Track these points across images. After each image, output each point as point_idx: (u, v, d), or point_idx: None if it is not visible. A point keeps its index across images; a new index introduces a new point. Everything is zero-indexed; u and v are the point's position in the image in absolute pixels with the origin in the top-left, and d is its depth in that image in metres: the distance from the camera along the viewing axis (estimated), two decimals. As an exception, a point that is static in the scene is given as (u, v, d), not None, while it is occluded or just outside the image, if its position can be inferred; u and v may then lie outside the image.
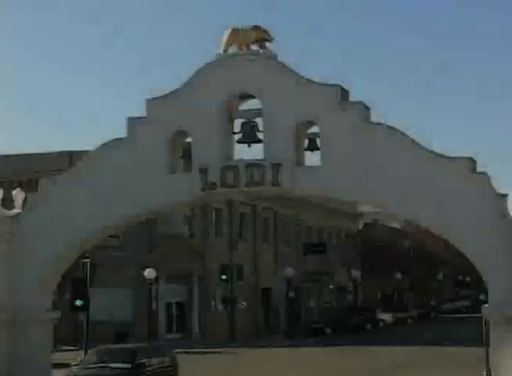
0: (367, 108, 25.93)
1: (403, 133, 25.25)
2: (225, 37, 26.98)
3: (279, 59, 26.50)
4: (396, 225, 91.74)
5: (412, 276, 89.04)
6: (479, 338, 25.95)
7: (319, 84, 25.90)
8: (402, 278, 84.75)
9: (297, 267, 62.14)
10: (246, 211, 61.35)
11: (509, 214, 22.28)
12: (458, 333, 50.07)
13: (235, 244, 58.84)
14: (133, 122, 27.38)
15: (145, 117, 27.25)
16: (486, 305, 24.87)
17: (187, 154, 27.44)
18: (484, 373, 25.61)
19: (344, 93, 26.09)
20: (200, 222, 55.81)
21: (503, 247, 23.12)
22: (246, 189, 26.17)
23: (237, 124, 27.21)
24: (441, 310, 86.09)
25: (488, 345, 24.94)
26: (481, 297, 29.53)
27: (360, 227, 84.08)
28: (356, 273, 74.67)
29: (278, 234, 65.84)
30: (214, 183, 26.04)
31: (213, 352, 43.74)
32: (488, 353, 24.91)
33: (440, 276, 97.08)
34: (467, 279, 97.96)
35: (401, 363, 36.95)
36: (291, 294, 56.24)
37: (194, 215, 55.41)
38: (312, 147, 26.92)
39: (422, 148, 25.16)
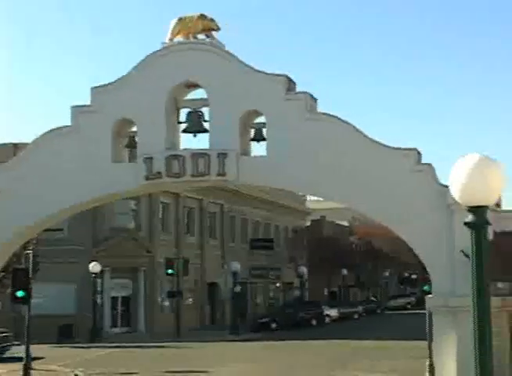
0: (314, 98, 25.96)
1: (349, 124, 25.30)
2: (171, 26, 26.80)
3: (226, 48, 26.39)
4: (343, 222, 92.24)
5: (359, 272, 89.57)
6: (424, 332, 26.09)
7: (265, 74, 25.83)
8: (349, 274, 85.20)
9: (244, 262, 62.05)
10: (193, 205, 61.11)
11: (452, 205, 22.42)
12: (403, 328, 50.44)
13: (181, 238, 58.56)
14: (77, 110, 27.01)
15: (89, 106, 26.94)
16: (430, 296, 25.07)
17: (132, 143, 27.19)
18: (427, 363, 25.74)
19: (291, 83, 26.06)
20: (146, 217, 55.43)
21: (446, 238, 23.27)
22: (191, 178, 26.01)
23: (183, 113, 27.05)
24: (387, 306, 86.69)
25: (431, 335, 25.10)
26: (426, 288, 29.71)
27: (308, 224, 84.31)
28: (303, 269, 74.81)
29: (225, 229, 65.69)
30: (159, 173, 25.82)
31: (157, 347, 43.42)
32: (431, 344, 25.03)
33: (386, 273, 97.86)
34: (413, 276, 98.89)
35: (347, 355, 37.09)
36: (237, 289, 56.11)
37: (141, 209, 55.01)
38: (258, 137, 26.84)
39: (368, 139, 25.23)
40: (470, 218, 10.59)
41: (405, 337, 41.53)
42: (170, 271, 52.84)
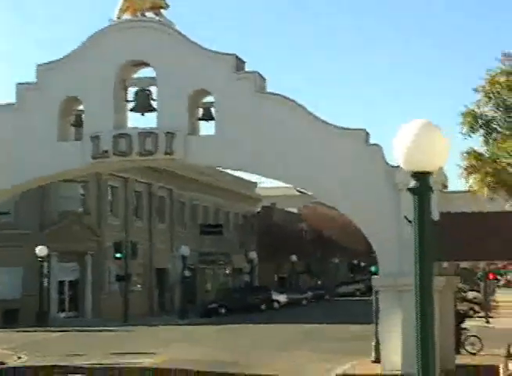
0: (263, 78, 25.90)
1: (299, 104, 25.32)
2: (119, 4, 26.48)
3: (175, 27, 26.17)
4: (293, 209, 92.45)
5: (308, 259, 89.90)
6: (371, 318, 26.20)
7: (214, 53, 25.71)
8: (298, 261, 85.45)
9: (193, 248, 61.83)
10: (142, 190, 60.68)
11: (400, 184, 22.55)
12: (352, 313, 50.67)
13: (130, 222, 58.15)
14: (22, 88, 26.67)
15: (35, 83, 26.56)
16: (377, 276, 25.24)
17: (79, 122, 26.89)
18: (373, 343, 25.89)
19: (240, 63, 25.96)
20: (94, 201, 54.92)
21: (393, 218, 23.41)
22: (139, 157, 25.89)
23: (131, 92, 26.81)
24: (336, 293, 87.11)
25: (377, 314, 25.26)
26: (373, 268, 29.87)
27: (258, 210, 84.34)
28: (253, 255, 74.84)
29: (174, 214, 65.38)
30: (106, 151, 25.60)
31: (104, 331, 43.12)
32: (378, 323, 25.19)
33: (335, 260, 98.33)
34: (362, 264, 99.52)
35: (294, 338, 37.22)
36: (186, 274, 55.92)
37: (89, 192, 54.49)
38: (207, 117, 26.74)
39: (317, 119, 25.30)
40: (413, 183, 10.57)
41: (354, 321, 41.75)
42: (118, 255, 52.50)
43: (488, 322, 43.95)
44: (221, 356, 29.45)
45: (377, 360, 25.27)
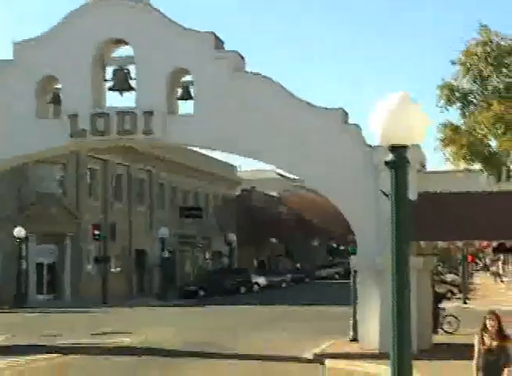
0: (242, 57, 25.80)
1: (277, 83, 25.27)
2: (98, -19, 26.24)
3: (153, 5, 26.00)
4: (273, 193, 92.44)
5: (288, 242, 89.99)
6: (350, 299, 26.21)
7: (193, 31, 25.60)
8: (278, 244, 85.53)
9: (173, 230, 61.68)
10: (121, 172, 60.39)
11: (378, 165, 22.55)
12: (331, 295, 50.80)
13: (109, 204, 57.92)
14: (0, 65, 26.43)
15: (12, 60, 26.35)
16: (354, 256, 25.30)
17: (57, 100, 26.73)
18: (351, 321, 25.95)
19: (219, 42, 25.86)
20: (73, 182, 54.57)
21: (371, 198, 23.46)
22: (117, 137, 25.78)
23: (109, 71, 26.66)
24: (316, 276, 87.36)
25: (355, 294, 25.31)
26: (351, 248, 29.91)
27: (238, 193, 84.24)
28: (232, 238, 74.77)
29: (153, 197, 65.15)
30: (84, 130, 25.48)
31: (83, 312, 42.99)
32: (356, 302, 25.23)
33: (315, 243, 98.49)
34: (341, 247, 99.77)
35: (273, 318, 37.28)
36: (165, 255, 55.81)
37: (68, 174, 54.17)
38: (186, 96, 26.66)
39: (296, 99, 25.27)
40: (390, 157, 10.54)
41: (332, 303, 41.85)
42: (97, 232, 52.10)
43: (465, 303, 44.23)
44: (198, 337, 29.44)
45: (355, 340, 25.35)
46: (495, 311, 11.78)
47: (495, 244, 42.52)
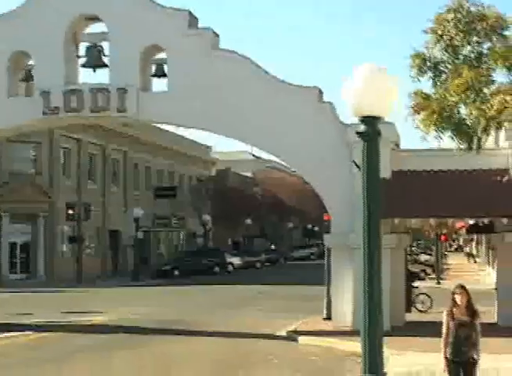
0: (216, 35, 25.65)
1: (251, 60, 25.15)
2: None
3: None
4: (248, 173, 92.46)
5: (263, 223, 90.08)
6: (324, 279, 26.24)
7: (167, 8, 25.40)
8: (253, 225, 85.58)
9: (147, 211, 61.49)
10: (95, 151, 60.03)
11: (352, 143, 22.54)
12: (305, 275, 50.89)
13: (83, 184, 57.53)
14: (-30, 41, 26.08)
15: (-18, 36, 26.00)
16: (328, 234, 25.35)
17: (29, 77, 26.46)
18: (325, 301, 26.02)
19: (193, 19, 25.68)
20: (47, 162, 54.17)
21: (345, 177, 23.46)
22: (90, 114, 25.59)
23: (82, 47, 26.43)
24: (291, 257, 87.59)
25: (329, 272, 25.35)
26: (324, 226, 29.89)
27: (213, 174, 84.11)
28: (206, 217, 74.72)
29: (128, 177, 64.85)
30: (56, 107, 25.27)
31: (56, 292, 42.83)
32: (330, 281, 25.28)
33: (290, 225, 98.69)
34: (316, 228, 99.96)
35: (247, 298, 37.37)
36: (140, 236, 55.66)
37: (41, 154, 53.76)
38: (159, 73, 26.50)
39: (271, 77, 25.18)
40: (362, 128, 10.52)
41: (307, 283, 41.94)
42: (70, 211, 51.72)
43: (439, 283, 44.53)
44: (173, 315, 29.45)
45: (329, 318, 25.45)
46: (463, 285, 11.64)
47: (471, 221, 42.78)
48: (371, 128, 10.45)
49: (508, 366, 16.51)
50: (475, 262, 73.11)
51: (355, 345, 19.08)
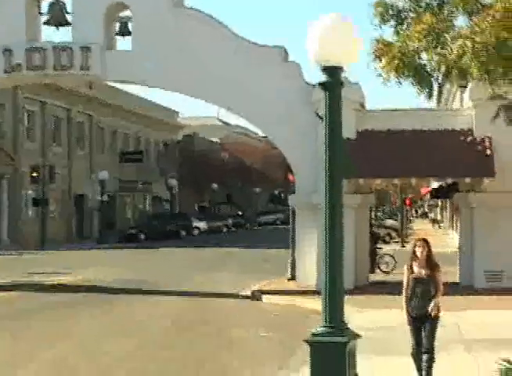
0: (181, -8, 25.33)
1: (217, 20, 24.93)
2: None
3: None
4: (215, 139, 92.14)
5: (230, 189, 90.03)
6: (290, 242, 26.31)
7: (131, -35, 25.02)
8: (219, 191, 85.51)
9: (113, 175, 61.15)
10: (60, 115, 59.40)
11: (317, 102, 22.48)
12: (271, 240, 51.00)
13: (48, 147, 56.89)
14: None
15: None
16: (293, 195, 25.36)
17: (-10, 34, 25.96)
18: (289, 261, 26.08)
19: (158, -23, 25.32)
20: (10, 125, 53.49)
21: (310, 137, 23.42)
22: (53, 72, 25.26)
23: (45, 4, 26.02)
24: (257, 222, 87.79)
25: (294, 232, 25.40)
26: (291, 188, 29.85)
27: (179, 139, 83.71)
28: (173, 182, 74.52)
29: (93, 141, 64.31)
30: (19, 65, 24.88)
31: (21, 254, 42.59)
32: (294, 241, 25.33)
33: (256, 190, 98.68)
34: (282, 195, 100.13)
35: (212, 259, 37.51)
36: (105, 198, 55.35)
37: (4, 116, 53.07)
38: (124, 32, 26.18)
39: (236, 36, 24.98)
40: (324, 78, 10.45)
41: (272, 246, 42.07)
42: (35, 174, 51.16)
43: (403, 246, 44.86)
44: (138, 276, 29.44)
45: (293, 278, 25.50)
46: (425, 238, 11.46)
47: (435, 184, 43.02)
48: (333, 79, 10.38)
49: (468, 321, 16.71)
50: (439, 227, 73.74)
51: (318, 303, 19.09)
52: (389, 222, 66.25)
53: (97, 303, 22.11)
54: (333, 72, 10.34)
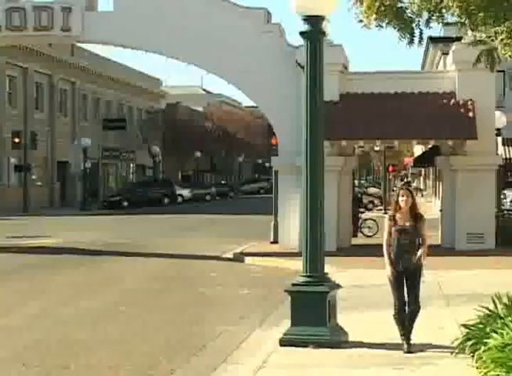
0: (163, -48, 25.07)
1: (199, -20, 24.70)
2: None
3: None
4: (199, 108, 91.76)
5: (213, 156, 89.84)
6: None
7: None
8: (203, 159, 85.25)
9: (96, 142, 60.75)
10: (42, 81, 58.86)
11: (298, 65, 22.39)
12: (255, 207, 50.93)
13: (30, 113, 56.32)
14: None
15: None
16: (276, 157, 25.34)
17: (-31, -6, 25.68)
18: (272, 224, 26.11)
19: None
20: (-9, 91, 53.00)
21: (293, 98, 23.34)
22: (34, 33, 25.05)
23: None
24: (241, 191, 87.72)
25: (276, 195, 25.38)
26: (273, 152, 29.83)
27: (163, 107, 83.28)
28: (156, 150, 74.23)
29: (76, 108, 63.78)
30: (-2, 25, 24.63)
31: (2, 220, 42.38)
32: (277, 204, 25.32)
33: (240, 159, 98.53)
34: (266, 164, 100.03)
35: (198, 225, 37.56)
36: (88, 165, 55.04)
37: (-15, 82, 52.59)
38: (105, -8, 25.89)
39: (217, -3, 24.79)
40: (305, 27, 10.39)
41: (256, 212, 42.04)
42: (16, 140, 50.77)
43: (386, 213, 44.88)
44: (118, 239, 29.41)
45: (276, 241, 25.53)
46: (409, 187, 10.87)
47: (419, 150, 43.03)
48: (314, 28, 10.33)
49: (448, 279, 16.81)
50: (422, 195, 73.94)
51: (300, 264, 19.24)
52: (372, 189, 66.49)
53: (76, 263, 22.15)
54: (313, 21, 10.28)
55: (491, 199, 23.76)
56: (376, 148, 34.41)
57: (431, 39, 44.39)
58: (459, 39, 19.15)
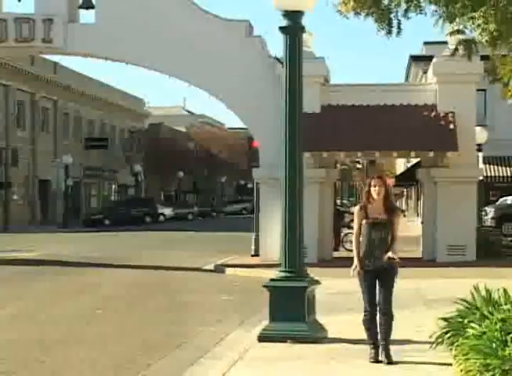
0: (145, -35, 25.15)
1: (181, -7, 24.78)
2: None
3: None
4: (181, 128, 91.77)
5: (195, 177, 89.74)
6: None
7: None
8: (185, 178, 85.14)
9: (78, 161, 60.54)
10: (24, 99, 58.64)
11: (280, 77, 22.42)
12: (237, 226, 50.77)
13: (11, 131, 56.04)
14: None
15: None
16: (257, 169, 25.34)
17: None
18: (253, 236, 26.04)
19: None
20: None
21: (274, 110, 23.29)
22: (15, 44, 25.03)
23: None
24: (223, 211, 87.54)
25: (258, 207, 25.33)
26: (254, 164, 29.88)
27: (145, 127, 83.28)
28: (138, 168, 74.05)
29: (58, 126, 63.57)
30: (-22, 36, 24.56)
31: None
32: (259, 217, 25.26)
33: (222, 179, 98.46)
34: (249, 185, 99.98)
35: (179, 241, 37.38)
36: (69, 183, 54.77)
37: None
38: (87, 5, 25.92)
39: (198, 9, 24.90)
40: (285, 22, 10.40)
41: (238, 230, 41.91)
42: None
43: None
44: (99, 253, 29.25)
45: (257, 254, 25.44)
46: (382, 175, 9.76)
47: (401, 166, 43.20)
48: (294, 23, 10.35)
49: (428, 286, 16.81)
50: (404, 215, 74.11)
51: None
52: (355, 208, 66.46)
53: (57, 273, 22.04)
54: (293, 16, 10.31)
55: (472, 211, 23.82)
56: (359, 165, 34.53)
57: (412, 58, 44.74)
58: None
